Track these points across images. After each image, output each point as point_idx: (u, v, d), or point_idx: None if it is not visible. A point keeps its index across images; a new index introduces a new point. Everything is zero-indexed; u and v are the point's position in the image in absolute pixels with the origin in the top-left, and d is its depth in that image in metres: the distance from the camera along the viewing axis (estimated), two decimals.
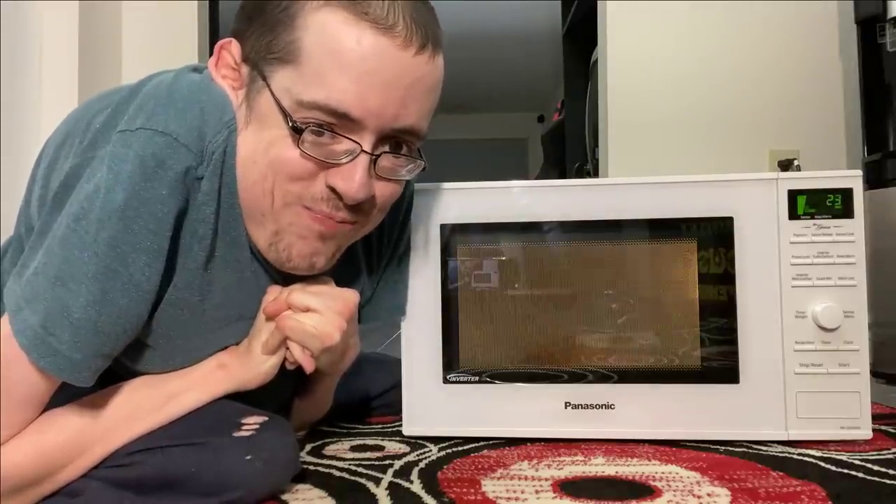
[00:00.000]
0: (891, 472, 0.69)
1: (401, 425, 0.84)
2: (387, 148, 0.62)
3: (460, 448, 0.80)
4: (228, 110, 0.61)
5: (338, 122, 0.58)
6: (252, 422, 0.61)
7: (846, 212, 0.80)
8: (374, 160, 0.61)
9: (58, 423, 0.58)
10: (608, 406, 0.82)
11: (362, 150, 0.59)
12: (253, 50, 0.61)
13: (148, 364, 0.63)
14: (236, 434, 0.60)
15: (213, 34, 2.15)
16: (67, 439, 0.58)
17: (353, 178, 0.60)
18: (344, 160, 0.60)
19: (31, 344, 0.53)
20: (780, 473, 0.68)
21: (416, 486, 0.65)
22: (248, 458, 0.58)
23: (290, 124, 0.58)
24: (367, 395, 0.98)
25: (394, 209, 0.74)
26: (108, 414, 0.60)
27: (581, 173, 2.51)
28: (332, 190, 0.60)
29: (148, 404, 0.62)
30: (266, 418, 0.62)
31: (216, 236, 0.62)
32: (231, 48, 0.63)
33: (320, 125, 0.58)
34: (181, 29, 1.98)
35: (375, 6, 0.58)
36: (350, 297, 0.68)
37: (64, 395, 0.60)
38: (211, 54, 0.65)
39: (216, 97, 0.61)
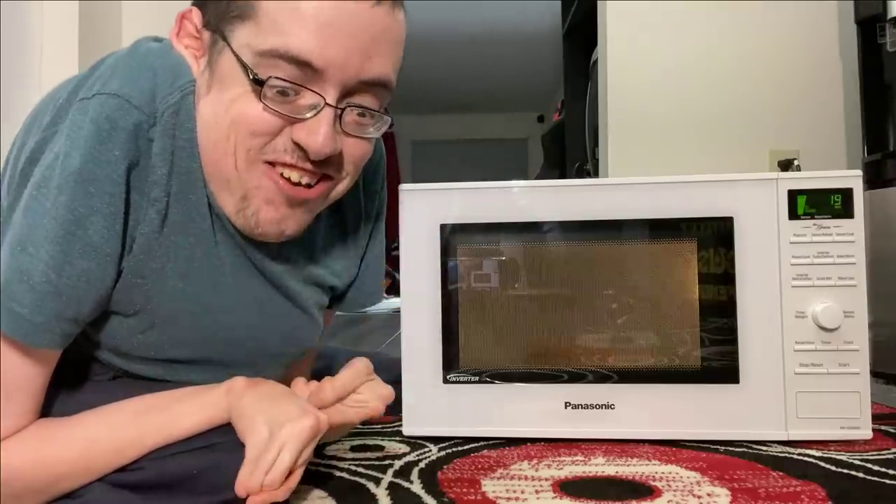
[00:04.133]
0: (891, 472, 0.69)
1: (401, 425, 0.84)
2: (354, 101, 0.61)
3: (460, 448, 0.80)
4: (184, 73, 0.61)
5: (300, 72, 0.58)
6: None
7: (846, 212, 0.80)
8: (339, 114, 0.60)
9: (64, 436, 0.58)
10: (608, 406, 0.82)
11: (326, 104, 0.59)
12: (213, 15, 0.61)
13: (123, 338, 0.63)
14: (237, 435, 0.60)
15: None
16: (74, 455, 0.57)
17: (317, 132, 0.59)
18: (308, 115, 0.59)
19: None
20: (780, 473, 0.68)
21: (416, 486, 0.65)
22: None
23: (252, 77, 0.57)
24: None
25: (369, 180, 0.76)
26: (116, 433, 0.59)
27: (581, 173, 2.51)
28: (297, 146, 0.60)
29: (155, 423, 0.60)
30: None
31: (170, 199, 0.61)
32: (192, 16, 0.63)
33: (282, 78, 0.57)
34: None
35: None
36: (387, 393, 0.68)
37: (66, 406, 0.60)
38: None
39: (170, 60, 0.61)
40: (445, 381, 0.83)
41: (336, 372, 0.71)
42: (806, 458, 0.74)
